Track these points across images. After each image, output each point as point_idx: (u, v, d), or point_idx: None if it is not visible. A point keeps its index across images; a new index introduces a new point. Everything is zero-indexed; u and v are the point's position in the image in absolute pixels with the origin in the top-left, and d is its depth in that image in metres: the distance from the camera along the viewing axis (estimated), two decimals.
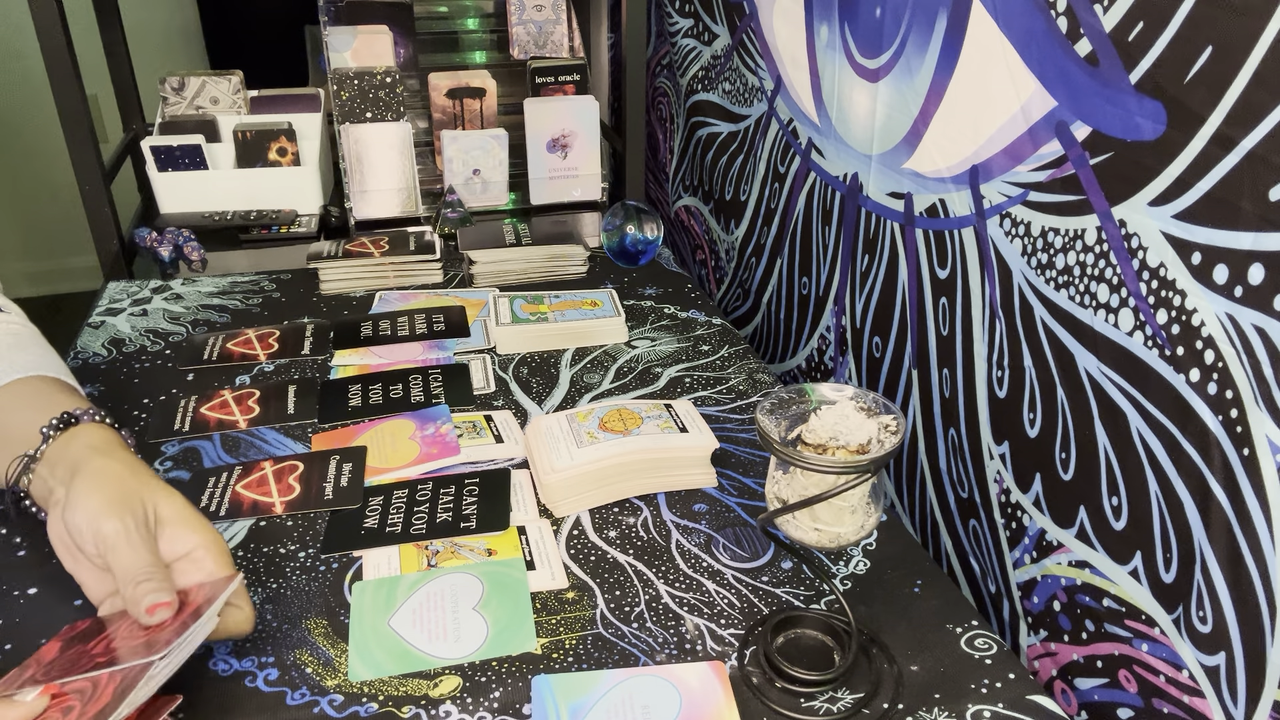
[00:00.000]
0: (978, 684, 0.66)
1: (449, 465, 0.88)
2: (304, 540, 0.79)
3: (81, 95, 1.20)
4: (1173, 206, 0.61)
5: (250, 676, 0.66)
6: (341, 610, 0.72)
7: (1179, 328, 0.61)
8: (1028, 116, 0.74)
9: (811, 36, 1.09)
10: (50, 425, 0.71)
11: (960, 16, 0.80)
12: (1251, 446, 0.57)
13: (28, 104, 2.65)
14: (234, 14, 2.57)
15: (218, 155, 1.42)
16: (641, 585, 0.75)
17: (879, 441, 0.63)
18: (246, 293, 1.22)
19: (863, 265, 1.05)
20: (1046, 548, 0.78)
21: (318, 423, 0.94)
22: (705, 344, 1.11)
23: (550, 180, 1.52)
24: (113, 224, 1.27)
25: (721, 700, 0.64)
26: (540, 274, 1.26)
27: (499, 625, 0.70)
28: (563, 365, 1.06)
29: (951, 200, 0.87)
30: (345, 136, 1.41)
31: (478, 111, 1.51)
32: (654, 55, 1.65)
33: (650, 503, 0.85)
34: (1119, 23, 0.63)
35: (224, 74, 1.49)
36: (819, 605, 0.74)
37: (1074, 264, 0.71)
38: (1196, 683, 0.63)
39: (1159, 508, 0.65)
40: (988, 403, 0.84)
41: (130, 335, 1.11)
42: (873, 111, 0.98)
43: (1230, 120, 0.56)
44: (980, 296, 0.84)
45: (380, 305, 1.19)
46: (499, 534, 0.79)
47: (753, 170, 1.32)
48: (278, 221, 1.40)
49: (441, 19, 1.58)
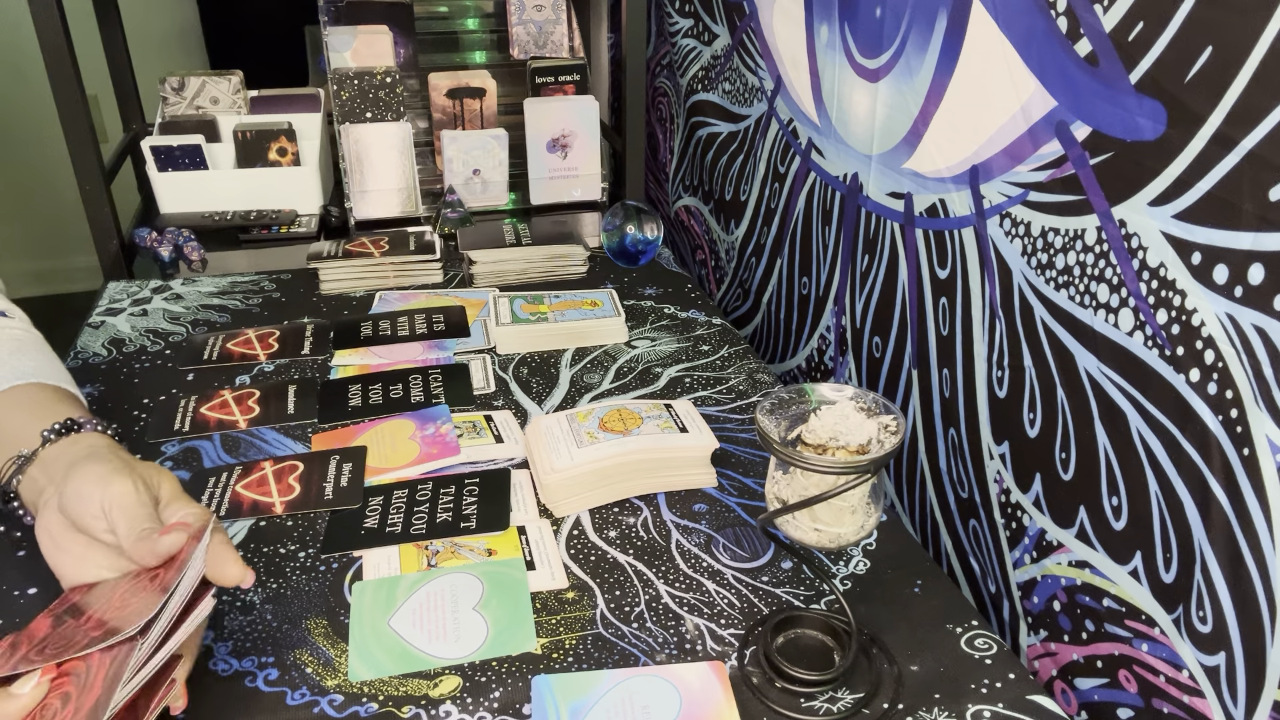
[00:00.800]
0: (978, 684, 0.66)
1: (449, 465, 0.88)
2: (304, 540, 0.79)
3: (81, 95, 1.20)
4: (1173, 206, 0.61)
5: (250, 676, 0.66)
6: (341, 610, 0.72)
7: (1179, 328, 0.61)
8: (1028, 116, 0.74)
9: (811, 36, 1.09)
10: (51, 430, 0.71)
11: (960, 16, 0.80)
12: (1251, 446, 0.57)
13: (28, 104, 2.65)
14: (234, 14, 2.57)
15: (218, 155, 1.42)
16: (641, 585, 0.75)
17: (879, 442, 0.63)
18: (246, 293, 1.22)
19: (863, 265, 1.05)
20: (1046, 548, 0.78)
21: (318, 423, 0.94)
22: (705, 344, 1.11)
23: (550, 180, 1.52)
24: (113, 224, 1.27)
25: (721, 700, 0.64)
26: (540, 274, 1.26)
27: (499, 625, 0.70)
28: (563, 365, 1.06)
29: (951, 200, 0.87)
30: (345, 136, 1.41)
31: (478, 111, 1.51)
32: (654, 55, 1.65)
33: (650, 503, 0.85)
34: (1119, 23, 0.63)
35: (224, 74, 1.49)
36: (819, 605, 0.74)
37: (1074, 264, 0.71)
38: (1196, 683, 0.63)
39: (1159, 508, 0.65)
40: (988, 403, 0.84)
41: (130, 335, 1.11)
42: (873, 111, 0.98)
43: (1230, 120, 0.56)
44: (980, 296, 0.84)
45: (380, 305, 1.19)
46: (499, 534, 0.79)
47: (753, 170, 1.32)
48: (278, 221, 1.40)
49: (441, 19, 1.58)
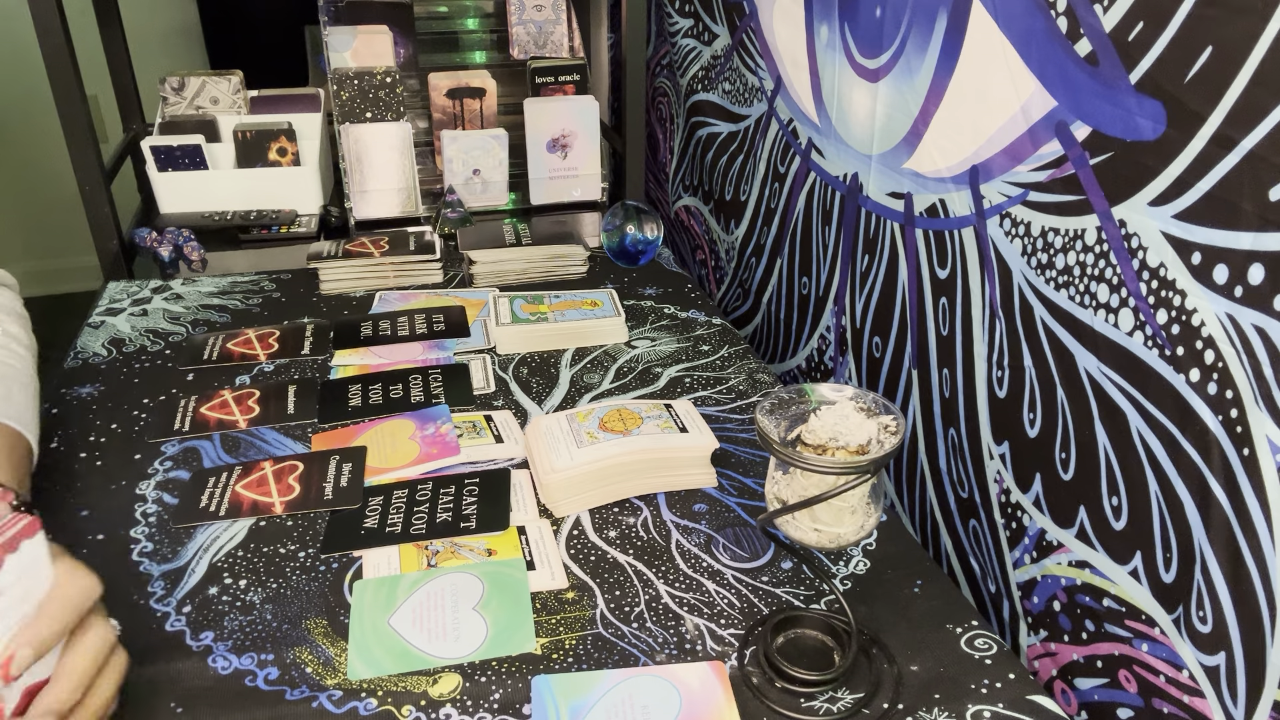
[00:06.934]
0: (978, 684, 0.66)
1: (449, 465, 0.88)
2: (304, 540, 0.79)
3: (81, 95, 1.20)
4: (1173, 206, 0.61)
5: (250, 675, 0.66)
6: (341, 610, 0.72)
7: (1179, 328, 0.61)
8: (1028, 116, 0.74)
9: (811, 36, 1.09)
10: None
11: (960, 16, 0.80)
12: (1251, 446, 0.57)
13: (28, 104, 2.65)
14: (234, 14, 2.57)
15: (218, 155, 1.42)
16: (641, 585, 0.75)
17: (879, 442, 0.63)
18: (246, 293, 1.22)
19: (863, 265, 1.05)
20: (1046, 548, 0.78)
21: (318, 423, 0.94)
22: (705, 344, 1.11)
23: (550, 180, 1.52)
24: (113, 224, 1.27)
25: (721, 700, 0.64)
26: (540, 274, 1.26)
27: (499, 625, 0.70)
28: (563, 365, 1.06)
29: (951, 200, 0.87)
30: (345, 136, 1.41)
31: (478, 111, 1.51)
32: (654, 55, 1.65)
33: (650, 503, 0.85)
34: (1119, 23, 0.63)
35: (224, 74, 1.49)
36: (819, 605, 0.74)
37: (1074, 264, 0.71)
38: (1196, 683, 0.63)
39: (1159, 508, 0.65)
40: (988, 403, 0.84)
41: (130, 335, 1.11)
42: (873, 111, 0.98)
43: (1230, 120, 0.56)
44: (980, 296, 0.84)
45: (380, 305, 1.19)
46: (499, 534, 0.79)
47: (753, 170, 1.32)
48: (278, 221, 1.40)
49: (441, 19, 1.58)
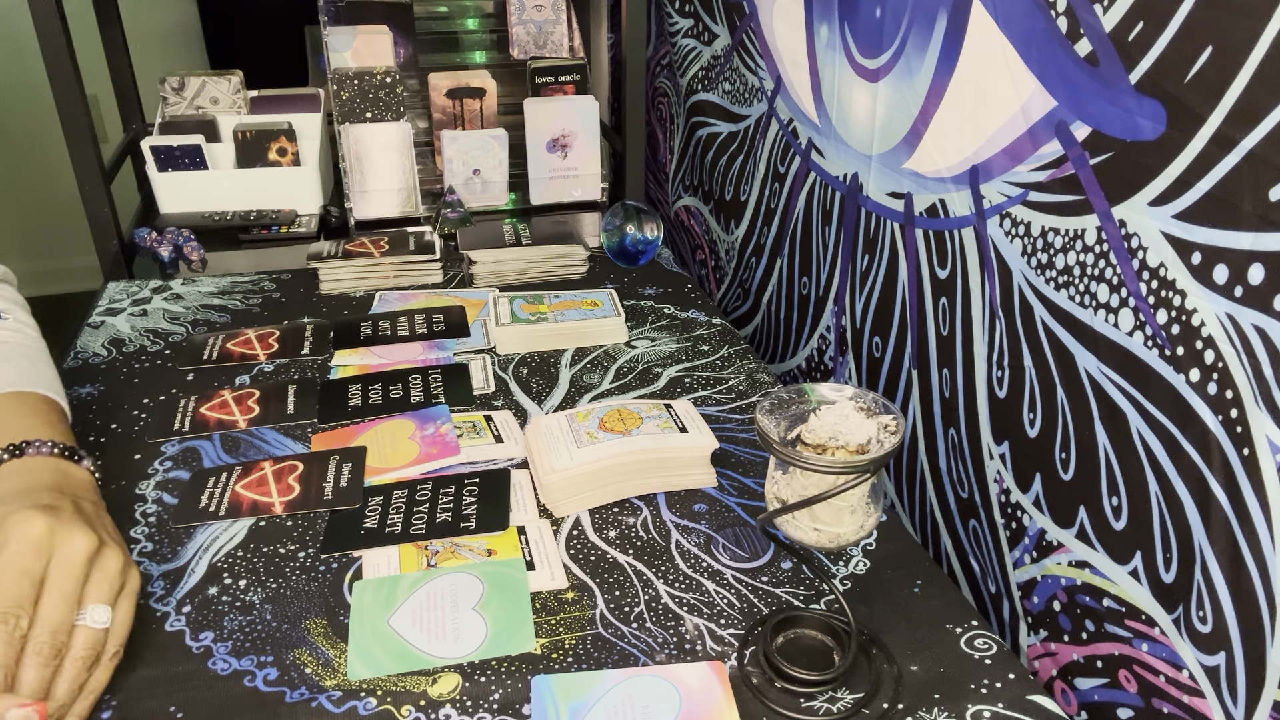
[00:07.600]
0: (978, 684, 0.66)
1: (449, 465, 0.88)
2: (304, 540, 0.79)
3: (81, 95, 1.20)
4: (1173, 206, 0.61)
5: (249, 676, 0.66)
6: (341, 610, 0.72)
7: (1179, 328, 0.61)
8: (1028, 116, 0.74)
9: (811, 36, 1.09)
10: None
11: (960, 16, 0.80)
12: (1251, 446, 0.57)
13: (28, 104, 2.65)
14: (234, 14, 2.57)
15: (218, 155, 1.42)
16: (641, 585, 0.75)
17: (878, 441, 0.63)
18: (246, 293, 1.22)
19: (863, 265, 1.05)
20: (1046, 548, 0.78)
21: (317, 423, 0.94)
22: (705, 344, 1.11)
23: (550, 180, 1.52)
24: (113, 224, 1.27)
25: (721, 700, 0.64)
26: (540, 274, 1.26)
27: (499, 625, 0.70)
28: (563, 365, 1.06)
29: (951, 200, 0.87)
30: (345, 136, 1.41)
31: (478, 111, 1.51)
32: (654, 55, 1.65)
33: (650, 503, 0.85)
34: (1119, 23, 0.63)
35: (224, 74, 1.49)
36: (819, 605, 0.74)
37: (1074, 264, 0.71)
38: (1196, 683, 0.63)
39: (1159, 508, 0.65)
40: (988, 403, 0.84)
41: (130, 335, 1.11)
42: (873, 111, 0.98)
43: (1230, 120, 0.56)
44: (980, 296, 0.84)
45: (380, 305, 1.19)
46: (499, 534, 0.79)
47: (753, 170, 1.32)
48: (278, 221, 1.40)
49: (441, 19, 1.58)
